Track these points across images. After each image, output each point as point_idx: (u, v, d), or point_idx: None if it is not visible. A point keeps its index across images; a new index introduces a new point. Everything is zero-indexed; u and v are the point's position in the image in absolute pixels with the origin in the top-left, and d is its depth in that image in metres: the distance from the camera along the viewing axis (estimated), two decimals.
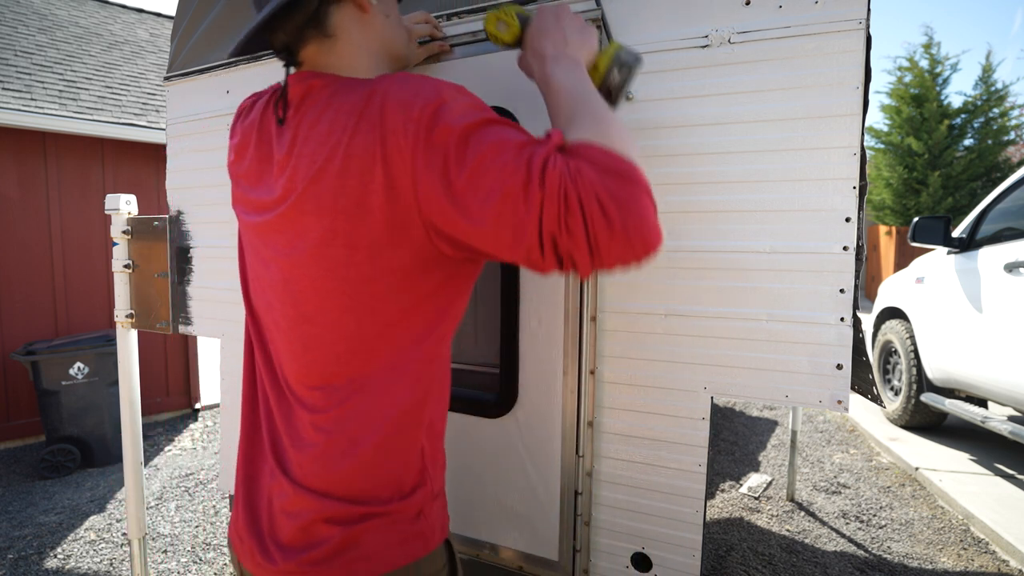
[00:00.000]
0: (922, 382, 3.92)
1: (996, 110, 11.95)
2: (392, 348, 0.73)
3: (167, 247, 1.78)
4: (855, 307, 0.98)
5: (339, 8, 0.77)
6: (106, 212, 1.83)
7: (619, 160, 0.63)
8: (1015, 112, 11.94)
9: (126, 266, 1.84)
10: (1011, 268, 3.02)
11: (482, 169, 0.63)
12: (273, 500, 0.79)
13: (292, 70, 0.81)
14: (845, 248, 0.97)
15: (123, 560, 2.66)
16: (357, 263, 0.69)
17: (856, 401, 4.72)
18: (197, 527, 2.96)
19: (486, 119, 0.66)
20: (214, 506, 3.21)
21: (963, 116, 12.09)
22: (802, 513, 3.07)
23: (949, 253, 3.67)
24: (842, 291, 0.98)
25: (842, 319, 0.98)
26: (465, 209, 0.64)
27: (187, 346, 4.92)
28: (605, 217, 0.60)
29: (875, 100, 14.16)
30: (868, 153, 6.63)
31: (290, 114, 0.75)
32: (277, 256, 0.76)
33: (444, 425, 0.86)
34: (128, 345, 1.85)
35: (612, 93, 0.87)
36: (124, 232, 1.83)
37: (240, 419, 0.88)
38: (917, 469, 3.49)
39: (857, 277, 0.97)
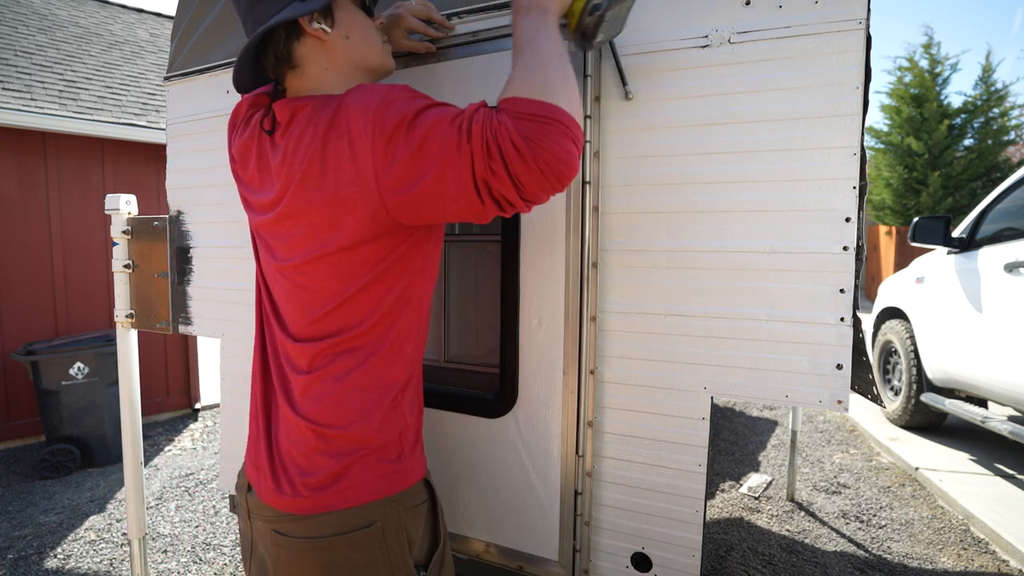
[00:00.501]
0: (922, 382, 3.92)
1: (996, 110, 11.94)
2: (371, 300, 0.88)
3: (167, 247, 1.78)
4: (855, 307, 0.98)
5: (300, 43, 0.90)
6: (106, 212, 1.83)
7: (536, 105, 0.74)
8: (1015, 112, 11.94)
9: (126, 266, 1.84)
10: (1011, 268, 3.02)
11: (425, 143, 0.76)
12: (281, 431, 0.93)
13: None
14: (845, 248, 0.97)
15: (123, 560, 2.66)
16: (338, 241, 0.84)
17: (856, 401, 4.72)
18: (197, 527, 2.96)
19: (427, 104, 0.80)
20: (214, 506, 3.21)
21: (963, 116, 12.08)
22: (802, 513, 3.07)
23: (949, 253, 3.67)
24: (842, 291, 0.98)
25: (842, 319, 0.98)
26: (416, 180, 0.78)
27: (187, 346, 4.92)
28: (520, 156, 0.72)
29: (875, 100, 14.16)
30: (868, 153, 6.62)
31: (280, 132, 0.89)
32: (279, 243, 0.92)
33: (417, 375, 0.99)
34: (128, 345, 1.85)
35: (586, 36, 0.92)
36: (124, 232, 1.83)
37: (251, 366, 1.02)
38: (917, 469, 3.49)
39: (857, 277, 0.97)
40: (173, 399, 4.89)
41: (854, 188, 0.96)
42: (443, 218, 0.84)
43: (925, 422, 4.09)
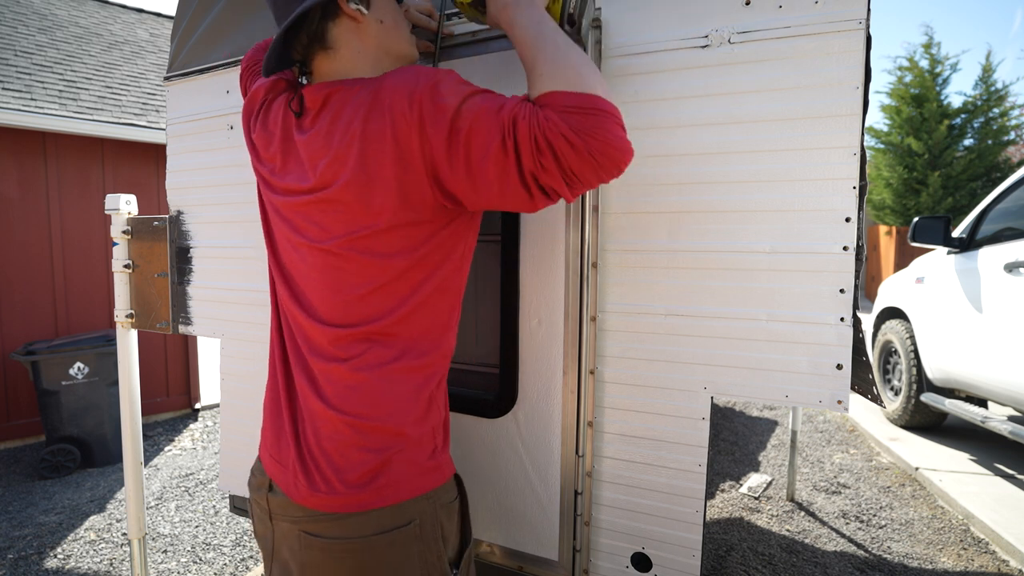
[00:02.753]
0: (922, 382, 3.92)
1: (996, 110, 11.93)
2: (409, 286, 0.86)
3: (167, 247, 1.78)
4: (855, 307, 0.98)
5: (336, 23, 0.88)
6: (106, 212, 1.83)
7: (578, 97, 0.75)
8: (1015, 112, 11.93)
9: (126, 266, 1.84)
10: (1011, 268, 3.02)
11: (471, 137, 0.76)
12: (308, 425, 0.89)
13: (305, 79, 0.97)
14: (845, 248, 0.97)
15: (123, 560, 2.66)
16: (377, 223, 0.83)
17: (856, 401, 4.72)
18: (197, 527, 2.96)
19: (471, 92, 0.79)
20: (214, 506, 3.21)
21: (963, 116, 12.07)
22: (802, 513, 3.06)
23: (949, 253, 3.67)
24: (842, 291, 0.98)
25: (842, 319, 0.98)
26: (464, 173, 0.78)
27: (187, 346, 4.92)
28: (573, 148, 0.73)
29: (875, 100, 14.15)
30: (868, 153, 6.62)
31: (311, 116, 0.88)
32: (312, 225, 0.88)
33: (447, 369, 0.97)
34: (128, 345, 1.85)
35: (573, 19, 0.93)
36: (124, 232, 1.83)
37: (269, 358, 1.00)
38: (917, 469, 3.49)
39: (857, 277, 0.97)
40: (173, 399, 4.88)
41: (854, 188, 0.96)
42: (495, 206, 0.83)
43: (925, 422, 4.08)
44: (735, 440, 4.21)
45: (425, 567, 0.88)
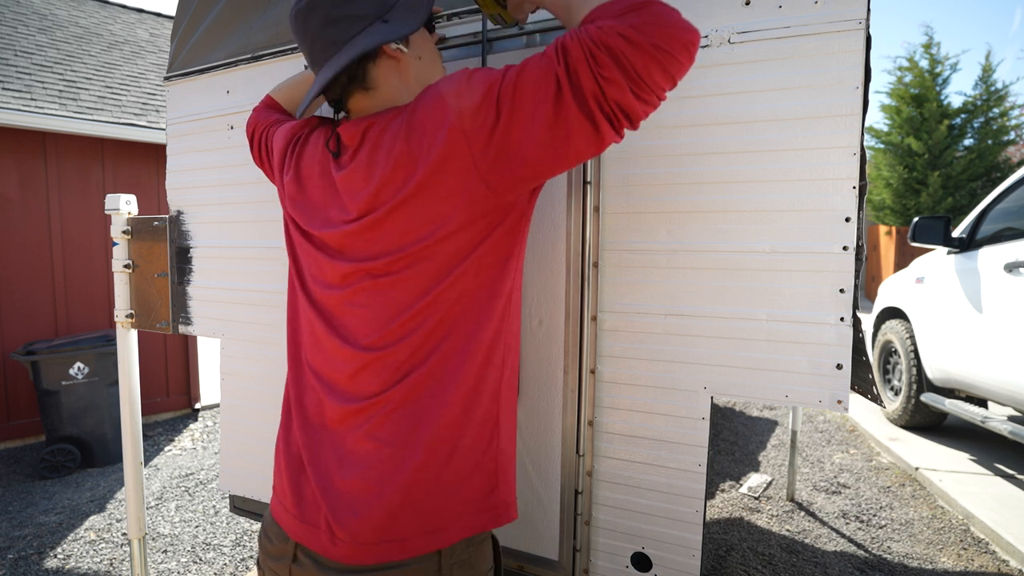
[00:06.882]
0: (922, 382, 3.92)
1: (996, 110, 11.93)
2: (462, 292, 0.83)
3: (167, 247, 1.78)
4: (855, 307, 0.98)
5: (376, 65, 0.86)
6: (106, 212, 1.83)
7: (624, 0, 0.70)
8: (1015, 112, 11.93)
9: (126, 266, 1.84)
10: (1011, 268, 3.02)
11: (519, 97, 0.72)
12: (343, 470, 0.84)
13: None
14: (845, 248, 0.97)
15: (123, 560, 2.66)
16: (431, 233, 0.80)
17: (856, 401, 4.72)
18: (197, 527, 2.96)
19: (506, 67, 0.76)
20: (214, 506, 3.21)
21: (963, 116, 12.07)
22: (802, 513, 3.06)
23: (949, 253, 3.67)
24: (842, 291, 0.98)
25: (842, 319, 0.98)
26: (521, 137, 0.74)
27: (187, 346, 4.92)
28: (633, 45, 0.66)
29: (875, 100, 14.14)
30: (868, 153, 6.61)
31: (349, 155, 0.87)
32: (356, 254, 0.86)
33: (514, 396, 0.92)
34: (128, 345, 1.85)
35: None
36: (124, 232, 1.83)
37: (282, 406, 0.95)
38: (917, 469, 3.49)
39: (857, 277, 0.97)
40: (173, 399, 4.88)
41: (854, 188, 0.96)
42: (557, 167, 0.78)
43: (925, 422, 4.08)
44: (735, 440, 4.21)
45: None
